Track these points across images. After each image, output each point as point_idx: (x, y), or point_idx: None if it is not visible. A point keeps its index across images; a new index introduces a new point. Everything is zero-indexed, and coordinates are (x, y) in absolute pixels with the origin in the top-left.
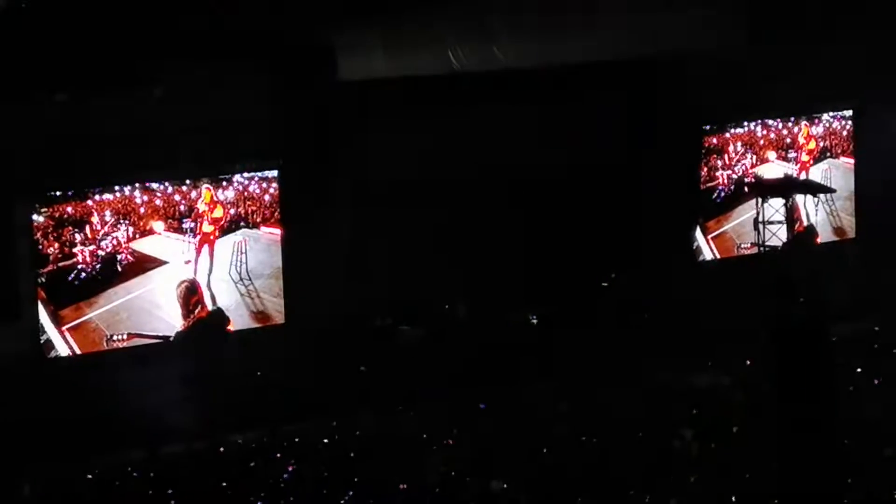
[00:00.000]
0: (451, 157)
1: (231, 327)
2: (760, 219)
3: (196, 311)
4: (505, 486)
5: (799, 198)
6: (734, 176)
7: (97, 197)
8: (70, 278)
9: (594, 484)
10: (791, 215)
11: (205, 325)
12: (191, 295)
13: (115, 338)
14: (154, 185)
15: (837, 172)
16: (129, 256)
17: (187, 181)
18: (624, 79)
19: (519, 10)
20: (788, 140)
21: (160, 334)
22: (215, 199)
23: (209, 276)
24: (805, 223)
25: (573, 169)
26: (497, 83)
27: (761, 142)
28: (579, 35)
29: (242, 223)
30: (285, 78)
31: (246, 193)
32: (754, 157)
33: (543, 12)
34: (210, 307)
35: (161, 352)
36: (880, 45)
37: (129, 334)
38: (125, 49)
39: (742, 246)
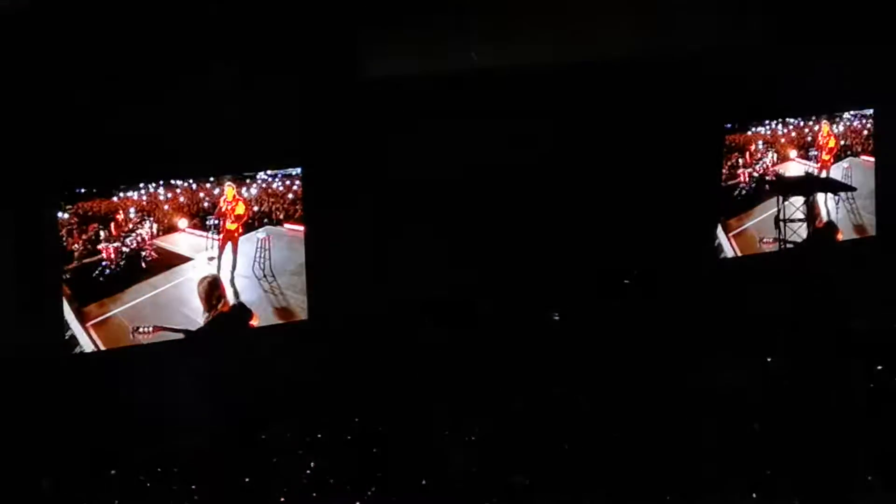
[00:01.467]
0: (475, 155)
1: (255, 322)
2: (781, 217)
3: (219, 306)
4: (527, 482)
5: (819, 195)
6: (755, 174)
7: (122, 194)
8: (94, 275)
9: (616, 481)
10: (811, 213)
11: (228, 318)
12: (213, 290)
13: (141, 329)
14: (178, 183)
15: (858, 171)
16: (153, 253)
17: (211, 178)
18: (645, 76)
19: (539, 7)
20: (809, 138)
21: (185, 328)
22: (237, 196)
23: (233, 272)
24: (825, 220)
25: (595, 167)
26: (519, 82)
27: (782, 140)
28: (600, 32)
29: (266, 220)
30: (310, 76)
31: (269, 190)
32: (775, 155)
33: (565, 10)
34: (232, 302)
35: (184, 347)
36: None
37: (154, 327)
38: (151, 47)
39: (763, 240)
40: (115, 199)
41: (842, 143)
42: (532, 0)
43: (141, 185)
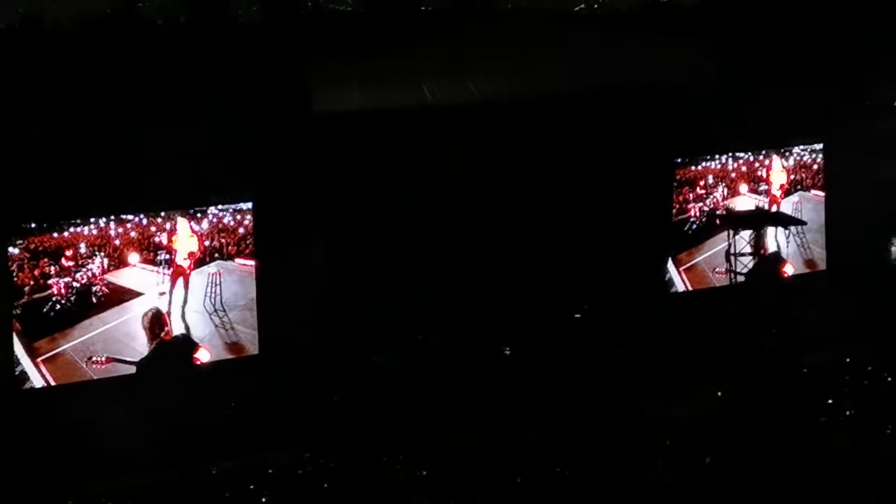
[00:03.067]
0: (426, 188)
1: (203, 355)
2: (732, 251)
3: (161, 335)
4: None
5: (769, 230)
6: (706, 208)
7: (72, 229)
8: (45, 310)
9: None
10: (758, 246)
11: (170, 347)
12: (157, 321)
13: (94, 359)
14: (129, 217)
15: (808, 205)
16: (104, 288)
17: (162, 213)
18: (596, 111)
19: (492, 44)
20: (760, 173)
21: (135, 360)
22: (191, 231)
23: (184, 307)
24: (770, 252)
25: (546, 201)
26: (471, 115)
27: (733, 174)
28: (551, 68)
29: (217, 255)
30: (260, 110)
31: (220, 225)
32: (726, 189)
33: (516, 46)
34: (175, 332)
35: (133, 381)
36: (850, 78)
37: (107, 357)
38: (100, 81)
39: (716, 269)
40: (65, 233)
41: (792, 177)
42: (485, 36)
43: (91, 219)
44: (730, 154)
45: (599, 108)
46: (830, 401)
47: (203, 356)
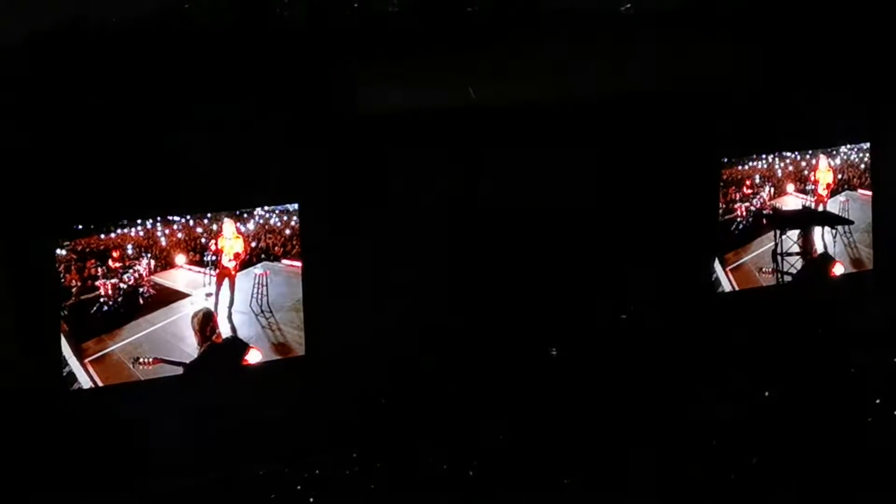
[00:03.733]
0: (471, 189)
1: (254, 357)
2: (779, 250)
3: (213, 337)
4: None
5: (816, 229)
6: (752, 208)
7: (120, 230)
8: (92, 311)
9: None
10: (806, 246)
11: (221, 350)
12: (207, 322)
13: (141, 360)
14: (175, 218)
15: (855, 204)
16: (150, 290)
17: (208, 214)
18: (641, 111)
19: (537, 45)
20: (806, 172)
21: (184, 361)
22: (237, 232)
23: (230, 308)
24: (819, 252)
25: (591, 202)
26: (517, 117)
27: (779, 174)
28: (596, 69)
29: (263, 256)
30: (306, 110)
31: (267, 226)
32: (772, 189)
33: (561, 47)
34: (225, 335)
35: (181, 383)
36: None
37: (154, 358)
38: (146, 83)
39: (763, 269)
40: (112, 235)
41: (839, 176)
42: (529, 37)
43: (138, 221)
44: (776, 153)
45: (645, 108)
46: (878, 401)
47: (253, 357)
